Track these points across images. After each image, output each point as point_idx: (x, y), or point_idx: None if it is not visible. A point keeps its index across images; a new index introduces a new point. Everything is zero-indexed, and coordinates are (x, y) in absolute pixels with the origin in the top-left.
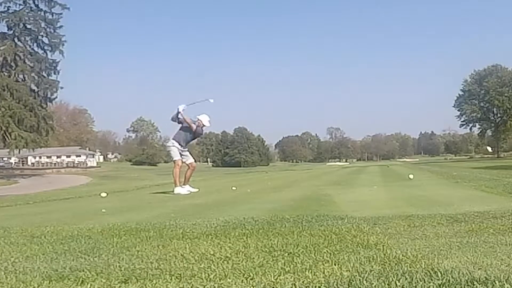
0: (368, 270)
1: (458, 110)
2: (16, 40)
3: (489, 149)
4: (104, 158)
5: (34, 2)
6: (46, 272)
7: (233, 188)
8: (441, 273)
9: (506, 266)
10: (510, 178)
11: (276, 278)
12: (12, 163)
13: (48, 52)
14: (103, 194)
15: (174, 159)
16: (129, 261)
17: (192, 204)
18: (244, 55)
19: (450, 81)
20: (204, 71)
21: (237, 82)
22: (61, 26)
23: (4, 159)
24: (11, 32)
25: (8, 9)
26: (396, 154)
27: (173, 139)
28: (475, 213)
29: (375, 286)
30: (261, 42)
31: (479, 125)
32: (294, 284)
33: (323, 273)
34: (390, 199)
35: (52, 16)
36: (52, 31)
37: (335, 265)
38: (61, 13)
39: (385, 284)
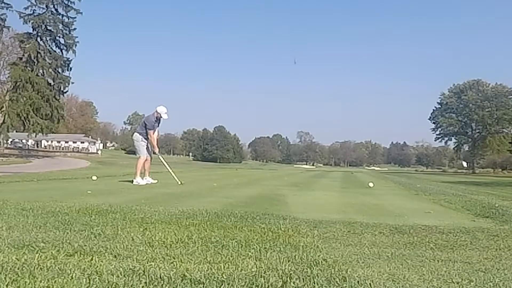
0: (279, 269)
1: (434, 123)
2: (38, 39)
3: (464, 164)
4: (104, 146)
5: (54, 7)
6: (17, 240)
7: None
8: (345, 280)
9: (419, 279)
10: (476, 195)
11: (193, 266)
12: (29, 145)
13: (63, 51)
14: (94, 178)
15: (142, 153)
16: (85, 238)
17: (163, 193)
18: (240, 55)
19: (427, 94)
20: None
21: (224, 80)
22: (75, 29)
23: (23, 141)
24: (35, 32)
25: (33, 12)
26: (365, 162)
27: (140, 134)
28: (423, 226)
29: (272, 283)
30: (257, 46)
31: (455, 139)
32: (204, 273)
33: (239, 266)
34: (341, 205)
35: (68, 19)
36: (68, 32)
37: (257, 260)
38: (75, 17)
39: (282, 282)
